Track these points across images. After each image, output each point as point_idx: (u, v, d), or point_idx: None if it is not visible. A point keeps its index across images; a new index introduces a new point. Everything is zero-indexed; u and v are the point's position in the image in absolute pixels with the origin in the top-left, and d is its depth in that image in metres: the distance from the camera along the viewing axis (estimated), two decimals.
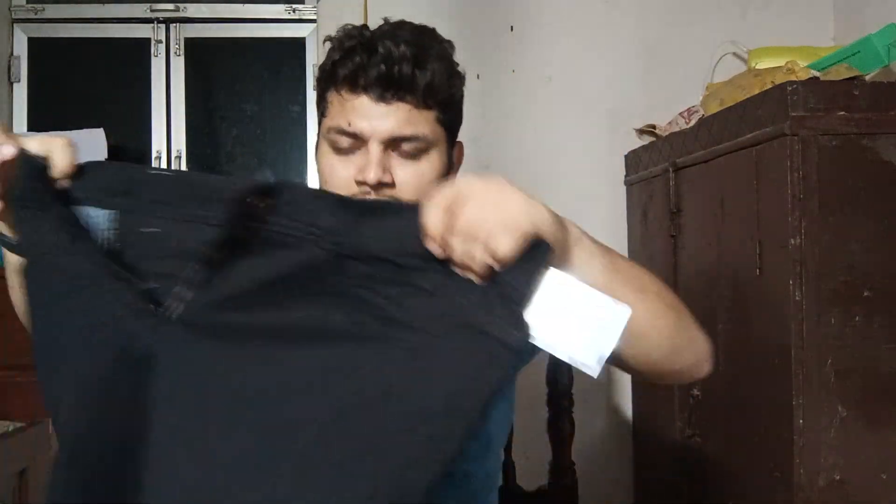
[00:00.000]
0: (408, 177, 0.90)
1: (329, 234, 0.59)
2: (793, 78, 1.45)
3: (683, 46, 2.18)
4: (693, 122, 1.82)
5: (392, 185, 0.90)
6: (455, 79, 0.94)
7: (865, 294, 1.29)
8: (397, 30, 0.91)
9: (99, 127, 2.11)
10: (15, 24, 2.22)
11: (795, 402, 1.28)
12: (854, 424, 1.28)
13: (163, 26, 2.25)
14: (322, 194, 0.74)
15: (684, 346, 0.73)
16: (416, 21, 0.95)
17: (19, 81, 2.22)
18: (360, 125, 0.89)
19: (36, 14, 2.22)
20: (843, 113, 1.29)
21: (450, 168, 0.97)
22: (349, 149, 0.91)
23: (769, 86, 1.48)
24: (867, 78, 1.44)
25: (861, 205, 1.29)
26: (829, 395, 1.28)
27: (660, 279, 0.76)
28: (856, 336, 1.29)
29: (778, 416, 1.33)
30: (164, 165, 2.24)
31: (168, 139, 2.25)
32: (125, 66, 2.26)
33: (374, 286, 0.59)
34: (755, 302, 1.41)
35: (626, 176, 2.12)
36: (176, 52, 2.25)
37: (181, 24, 2.25)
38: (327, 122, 0.93)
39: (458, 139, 0.99)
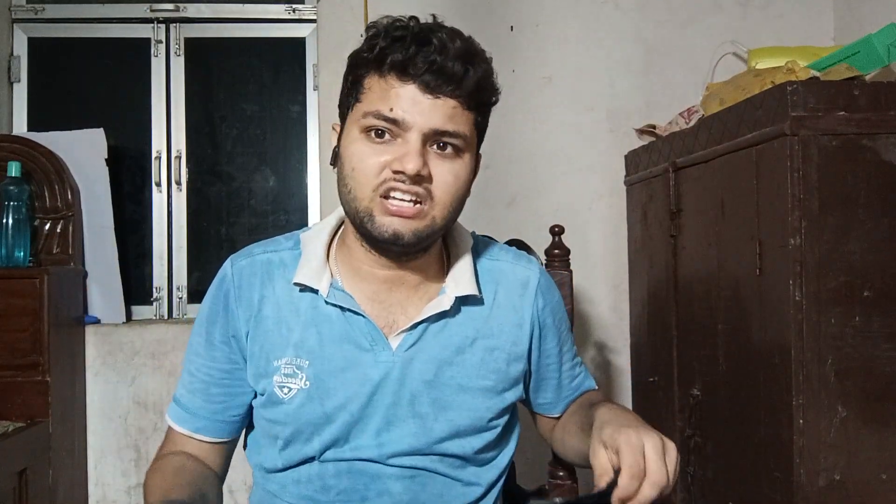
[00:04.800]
0: (444, 174, 0.88)
1: None
2: (793, 78, 1.45)
3: (683, 46, 2.19)
4: (693, 122, 1.82)
5: (429, 179, 0.88)
6: (496, 86, 0.93)
7: (865, 294, 1.29)
8: (447, 30, 0.89)
9: (99, 127, 2.12)
10: (15, 24, 2.23)
11: (795, 402, 1.28)
12: (854, 424, 1.28)
13: (163, 26, 2.25)
14: None
15: None
16: None
17: (19, 81, 2.23)
18: (403, 114, 0.86)
19: (36, 14, 2.22)
20: (843, 113, 1.29)
21: (473, 177, 0.96)
22: (383, 136, 0.88)
23: (769, 86, 1.48)
24: (867, 78, 1.44)
25: (861, 205, 1.29)
26: (829, 395, 1.28)
27: None
28: (856, 336, 1.29)
29: (778, 416, 1.33)
30: (164, 165, 2.24)
31: (168, 139, 2.25)
32: (125, 66, 2.26)
33: None
34: (755, 302, 1.41)
35: (626, 176, 2.12)
36: (176, 52, 2.25)
37: (181, 24, 2.25)
38: (362, 106, 0.89)
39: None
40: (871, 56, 1.46)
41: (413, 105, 0.86)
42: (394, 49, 0.86)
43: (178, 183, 2.25)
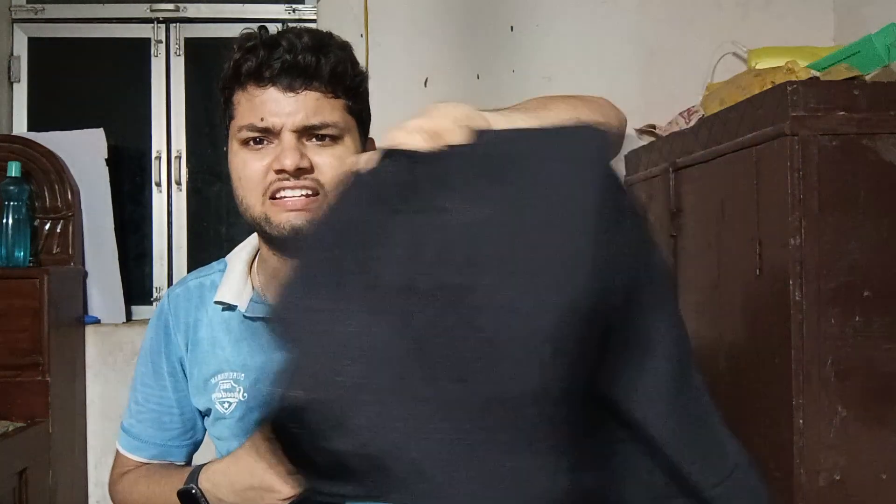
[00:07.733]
0: (325, 160, 0.90)
1: None
2: (793, 78, 1.45)
3: (683, 46, 2.19)
4: (693, 122, 1.82)
5: (311, 169, 0.89)
6: (358, 69, 0.95)
7: (865, 294, 1.29)
8: (295, 30, 0.92)
9: (99, 127, 2.12)
10: (15, 24, 2.22)
11: (795, 402, 1.28)
12: (854, 424, 1.28)
13: (163, 26, 2.25)
14: None
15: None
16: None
17: (19, 81, 2.23)
18: (272, 118, 0.88)
19: (36, 14, 2.22)
20: (843, 113, 1.29)
21: None
22: (261, 143, 0.90)
23: (769, 86, 1.48)
24: (867, 78, 1.44)
25: (861, 205, 1.29)
26: (829, 395, 1.28)
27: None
28: (856, 336, 1.29)
29: (778, 416, 1.33)
30: (163, 165, 2.24)
31: (168, 139, 2.25)
32: (125, 66, 2.26)
33: None
34: (755, 302, 1.41)
35: (626, 176, 2.12)
36: (176, 52, 2.25)
37: (181, 24, 2.25)
38: (236, 122, 0.92)
39: (370, 136, 0.99)
40: (871, 56, 1.46)
41: (277, 107, 0.88)
42: (246, 59, 0.89)
43: (178, 183, 2.25)
